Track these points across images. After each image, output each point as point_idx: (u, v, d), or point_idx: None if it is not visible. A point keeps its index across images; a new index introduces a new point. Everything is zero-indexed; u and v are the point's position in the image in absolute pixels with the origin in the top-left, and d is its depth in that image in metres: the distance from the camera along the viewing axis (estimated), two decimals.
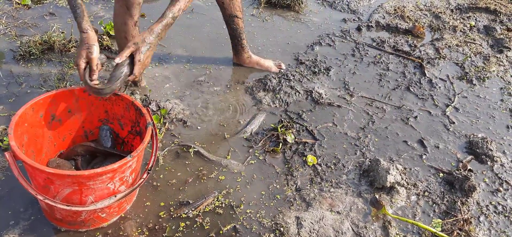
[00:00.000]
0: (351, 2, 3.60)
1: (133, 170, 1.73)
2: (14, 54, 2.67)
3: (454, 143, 2.33)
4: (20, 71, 2.55)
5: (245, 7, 3.44)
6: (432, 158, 2.23)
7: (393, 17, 3.43)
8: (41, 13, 3.11)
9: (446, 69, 2.92)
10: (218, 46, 2.97)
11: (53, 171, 1.51)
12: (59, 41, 2.71)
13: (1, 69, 2.55)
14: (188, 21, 3.22)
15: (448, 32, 3.31)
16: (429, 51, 3.07)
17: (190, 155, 2.12)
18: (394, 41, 3.14)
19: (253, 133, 2.28)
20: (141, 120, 1.85)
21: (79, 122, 1.96)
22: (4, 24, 2.94)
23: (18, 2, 3.16)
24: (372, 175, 2.04)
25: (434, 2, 3.71)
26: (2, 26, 2.91)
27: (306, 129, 2.35)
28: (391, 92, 2.67)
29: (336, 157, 2.19)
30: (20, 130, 1.69)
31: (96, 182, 1.58)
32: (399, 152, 2.25)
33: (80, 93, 1.88)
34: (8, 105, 2.31)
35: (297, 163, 2.14)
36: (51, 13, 3.12)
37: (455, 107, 2.58)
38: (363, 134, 2.34)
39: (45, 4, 3.21)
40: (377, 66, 2.90)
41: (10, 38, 2.81)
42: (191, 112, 2.39)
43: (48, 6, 3.19)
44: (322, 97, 2.57)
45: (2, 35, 2.83)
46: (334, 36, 3.18)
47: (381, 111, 2.51)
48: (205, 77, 2.66)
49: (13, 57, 2.65)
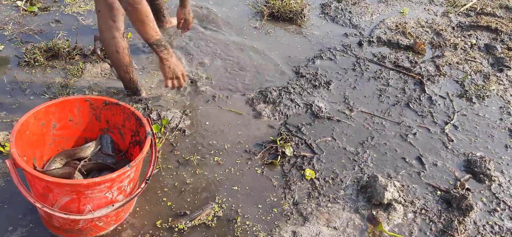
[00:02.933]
0: (353, 17, 3.63)
1: (131, 179, 1.74)
2: (19, 60, 2.71)
3: (452, 161, 2.34)
4: (24, 78, 2.58)
5: (247, 20, 3.47)
6: (430, 176, 2.23)
7: (394, 33, 3.45)
8: (47, 20, 3.15)
9: (446, 87, 2.93)
10: (217, 57, 3.00)
11: (52, 180, 1.53)
12: (64, 48, 2.75)
13: (6, 75, 2.59)
14: (190, 34, 3.25)
15: (449, 50, 3.33)
16: (429, 68, 3.08)
17: (189, 165, 2.14)
18: (395, 57, 3.17)
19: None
20: (141, 130, 1.87)
21: (80, 131, 1.98)
22: (10, 30, 2.98)
23: (25, 9, 3.21)
24: (370, 191, 2.05)
25: (436, 19, 3.73)
26: (8, 32, 2.95)
27: (305, 142, 2.36)
28: (391, 108, 2.69)
29: (334, 171, 2.20)
30: (21, 138, 1.71)
31: (94, 191, 1.60)
32: (397, 168, 2.26)
33: (82, 103, 1.91)
34: (11, 111, 2.33)
35: (295, 176, 2.15)
36: (57, 20, 3.16)
37: (454, 125, 2.59)
38: (362, 150, 2.35)
39: (51, 12, 3.25)
40: (378, 81, 2.92)
41: (16, 44, 2.85)
42: (192, 122, 2.41)
43: (54, 13, 3.23)
44: (321, 111, 2.58)
45: (8, 41, 2.87)
46: (335, 50, 3.20)
47: (381, 127, 2.53)
48: (206, 87, 2.68)
49: (18, 64, 2.69)
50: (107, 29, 2.25)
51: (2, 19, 3.08)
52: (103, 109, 1.95)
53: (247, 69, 2.92)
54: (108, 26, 2.23)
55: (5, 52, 2.78)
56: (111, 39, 2.27)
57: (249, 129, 2.42)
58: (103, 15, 2.22)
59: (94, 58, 2.77)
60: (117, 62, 2.36)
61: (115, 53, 2.31)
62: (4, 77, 2.57)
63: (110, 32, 2.25)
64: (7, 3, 3.28)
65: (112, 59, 2.37)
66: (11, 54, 2.76)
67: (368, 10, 3.76)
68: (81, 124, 1.97)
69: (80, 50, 2.80)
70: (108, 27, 2.24)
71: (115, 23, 2.24)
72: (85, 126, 1.98)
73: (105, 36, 2.27)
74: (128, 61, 2.38)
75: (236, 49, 3.10)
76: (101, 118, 1.98)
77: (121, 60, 2.35)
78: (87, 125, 1.98)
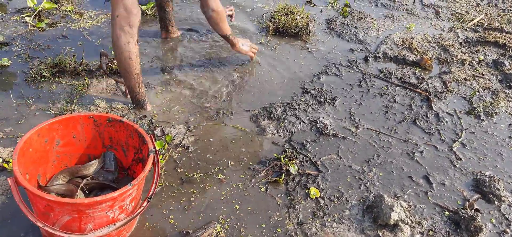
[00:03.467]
0: (358, 32, 3.62)
1: (133, 198, 1.73)
2: (26, 76, 2.73)
3: (460, 180, 2.30)
4: (30, 93, 2.59)
5: (253, 35, 3.48)
6: (438, 195, 2.19)
7: (400, 49, 3.43)
8: (55, 36, 3.18)
9: (454, 103, 2.89)
10: (222, 72, 2.99)
11: (53, 199, 1.52)
12: (70, 64, 2.77)
13: (12, 90, 2.60)
14: (196, 46, 3.26)
15: (456, 66, 3.30)
16: (436, 84, 3.05)
17: (192, 182, 2.12)
18: (401, 73, 3.14)
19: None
20: (144, 147, 1.86)
21: (83, 148, 1.98)
22: (18, 45, 3.01)
23: (33, 25, 3.24)
24: (376, 211, 2.02)
25: (443, 34, 3.71)
26: (16, 48, 2.98)
27: (309, 160, 2.33)
28: (397, 125, 2.65)
29: (340, 190, 2.17)
30: (24, 155, 1.71)
31: (95, 210, 1.59)
32: (404, 187, 2.22)
33: (85, 120, 1.91)
34: (17, 127, 2.34)
35: (300, 195, 2.12)
36: (64, 36, 3.19)
37: (462, 143, 2.55)
38: (368, 168, 2.32)
39: (58, 27, 3.28)
40: (384, 97, 2.90)
41: (23, 60, 2.87)
42: (196, 139, 2.40)
43: (61, 29, 3.26)
44: (327, 128, 2.56)
45: (16, 57, 2.89)
46: (341, 66, 3.18)
47: (387, 144, 2.49)
48: (211, 103, 2.68)
49: (25, 79, 2.71)
50: (123, 34, 2.29)
51: (11, 34, 3.12)
52: (106, 126, 1.95)
53: (252, 84, 2.91)
54: (125, 31, 2.29)
55: (13, 67, 2.80)
56: (126, 44, 2.31)
57: (253, 146, 2.40)
58: (121, 20, 2.27)
59: (99, 74, 2.78)
60: (129, 69, 2.38)
61: (128, 59, 2.34)
62: (10, 92, 2.58)
63: (125, 37, 2.30)
64: (16, 19, 3.32)
65: (124, 66, 2.38)
66: (18, 70, 2.78)
67: (374, 26, 3.74)
68: (84, 141, 1.97)
69: (86, 66, 2.82)
70: (124, 32, 2.29)
71: (132, 29, 2.30)
72: (88, 143, 1.98)
73: (120, 42, 2.31)
74: (139, 70, 2.42)
75: (240, 65, 3.10)
76: (105, 135, 1.98)
77: (133, 67, 2.37)
78: (90, 142, 1.98)
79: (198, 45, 3.28)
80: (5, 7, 3.48)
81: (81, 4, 3.61)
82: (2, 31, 3.14)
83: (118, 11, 2.27)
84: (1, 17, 3.32)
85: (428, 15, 4.04)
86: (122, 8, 2.26)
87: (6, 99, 2.52)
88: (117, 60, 2.39)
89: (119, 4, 2.26)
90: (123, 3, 2.25)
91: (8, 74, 2.75)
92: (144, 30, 3.36)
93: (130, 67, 2.37)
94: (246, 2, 3.95)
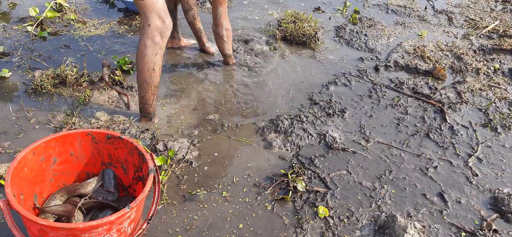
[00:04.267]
0: (368, 40, 3.51)
1: (132, 220, 1.64)
2: (26, 88, 2.66)
3: (477, 198, 2.18)
4: (31, 105, 2.53)
5: (260, 45, 3.38)
6: (453, 215, 2.08)
7: (412, 57, 3.32)
8: (57, 46, 3.12)
9: (469, 115, 2.77)
10: (227, 83, 2.91)
11: (47, 224, 1.44)
12: (71, 75, 2.70)
13: (12, 103, 2.54)
14: (201, 57, 3.18)
15: (471, 75, 3.17)
16: (450, 94, 2.93)
17: (195, 200, 2.03)
18: (414, 83, 3.03)
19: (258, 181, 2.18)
20: (144, 166, 1.78)
21: (82, 165, 1.90)
22: (19, 56, 2.95)
23: (35, 34, 3.19)
24: (388, 232, 1.91)
25: (456, 42, 3.58)
26: (17, 58, 2.92)
27: (318, 176, 2.23)
28: (410, 138, 2.54)
29: (350, 209, 2.06)
30: (18, 175, 1.63)
31: (91, 234, 1.50)
32: (417, 206, 2.11)
33: (83, 136, 1.83)
34: (16, 141, 2.27)
35: (308, 214, 2.02)
36: (66, 46, 3.12)
37: (478, 158, 2.43)
38: (379, 185, 2.21)
39: (61, 36, 3.22)
40: (395, 109, 2.78)
41: (24, 71, 2.81)
42: (199, 153, 2.31)
43: (64, 38, 3.20)
44: (336, 142, 2.46)
45: (16, 68, 2.83)
46: (351, 76, 3.08)
47: (399, 159, 2.38)
48: (215, 116, 2.59)
49: (25, 91, 2.64)
50: (152, 44, 2.23)
51: (12, 44, 3.06)
52: (105, 143, 1.87)
53: (258, 96, 2.82)
54: (155, 42, 2.23)
55: (13, 78, 2.74)
56: (153, 55, 2.25)
57: (259, 160, 2.31)
58: (153, 30, 2.21)
59: (101, 86, 2.71)
60: (150, 81, 2.32)
61: (152, 70, 2.29)
62: (10, 105, 2.52)
63: (154, 48, 2.24)
64: (17, 28, 3.26)
65: (145, 77, 2.31)
66: (18, 81, 2.72)
67: (384, 33, 3.63)
68: (82, 159, 1.89)
69: (87, 77, 2.75)
70: (154, 43, 2.23)
71: (163, 41, 2.25)
72: (87, 160, 1.90)
73: (148, 51, 2.24)
74: (158, 83, 2.37)
75: (246, 75, 3.01)
76: (104, 152, 1.90)
77: (154, 78, 2.32)
78: (89, 159, 1.90)
79: (202, 56, 3.19)
80: (7, 16, 3.43)
81: (84, 13, 3.55)
82: (3, 41, 3.09)
83: (151, 20, 2.20)
84: (3, 26, 3.27)
85: (440, 22, 3.92)
86: (156, 18, 2.19)
87: (5, 112, 2.46)
88: (139, 70, 2.31)
89: (152, 13, 2.19)
90: (157, 12, 2.19)
91: (8, 85, 2.69)
92: None
93: (151, 79, 2.31)
94: (253, 9, 3.86)
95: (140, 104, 2.44)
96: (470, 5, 4.29)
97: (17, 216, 1.54)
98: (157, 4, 2.18)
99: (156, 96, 2.42)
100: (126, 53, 3.07)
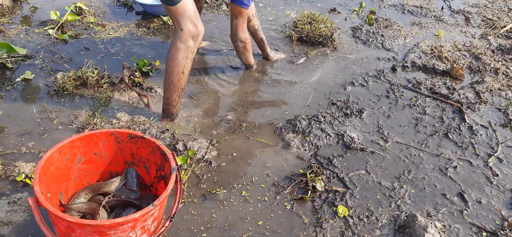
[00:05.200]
0: (385, 41, 3.50)
1: (155, 218, 1.67)
2: (49, 89, 2.72)
3: (498, 198, 2.16)
4: (53, 107, 2.59)
5: (276, 44, 3.40)
6: (474, 214, 2.06)
7: (430, 57, 3.30)
8: (77, 48, 3.18)
9: (488, 115, 2.75)
10: (246, 84, 2.93)
11: (74, 220, 1.48)
12: (92, 77, 2.75)
13: (35, 104, 2.60)
14: (219, 58, 3.21)
15: (489, 75, 3.14)
16: (468, 94, 2.91)
17: (215, 199, 2.06)
18: (431, 83, 3.01)
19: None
20: (166, 165, 1.81)
21: (105, 164, 1.94)
22: (41, 58, 3.02)
23: (56, 37, 3.26)
24: (408, 232, 1.91)
25: (474, 42, 3.55)
26: (39, 61, 2.99)
27: (336, 176, 2.24)
28: (428, 139, 2.53)
29: (369, 209, 2.06)
30: (45, 174, 1.68)
31: (117, 231, 1.54)
32: (437, 206, 2.10)
33: (107, 136, 1.87)
34: (39, 141, 2.33)
35: (327, 213, 2.03)
36: (86, 48, 3.18)
37: (499, 158, 2.41)
38: (398, 184, 2.21)
39: (81, 39, 3.29)
40: (413, 109, 2.77)
41: (46, 73, 2.87)
42: (218, 153, 2.33)
43: (84, 41, 3.26)
44: (354, 142, 2.46)
45: (39, 70, 2.90)
46: (368, 76, 3.08)
47: (418, 159, 2.38)
48: (234, 116, 2.62)
49: (47, 92, 2.70)
50: (184, 48, 2.26)
51: (34, 47, 3.13)
52: (128, 142, 1.90)
53: (275, 96, 2.84)
54: (187, 45, 2.26)
55: (36, 80, 2.81)
56: (184, 58, 2.29)
57: (277, 160, 2.32)
58: (185, 34, 2.24)
59: (122, 87, 2.75)
60: (178, 83, 2.36)
61: (181, 73, 2.32)
62: (33, 106, 2.58)
63: (185, 52, 2.28)
64: (39, 31, 3.34)
65: (173, 79, 2.35)
66: (41, 83, 2.79)
67: (401, 33, 3.62)
68: (106, 158, 1.93)
69: (108, 79, 2.80)
70: (187, 46, 2.26)
71: (195, 44, 2.29)
72: (110, 160, 1.94)
73: (179, 55, 2.28)
74: (185, 85, 2.41)
75: (264, 75, 3.03)
76: (126, 152, 1.93)
77: (182, 81, 2.36)
78: (112, 159, 1.94)
79: (221, 57, 3.22)
80: (29, 19, 3.51)
81: (104, 16, 3.61)
82: (26, 44, 3.16)
83: (184, 24, 2.23)
84: (25, 29, 3.35)
85: (457, 22, 3.89)
86: (189, 22, 2.22)
87: (29, 113, 2.52)
88: (169, 72, 2.34)
89: (184, 18, 2.22)
90: (189, 16, 2.22)
91: (31, 87, 2.75)
92: (168, 43, 3.33)
93: (180, 81, 2.35)
94: (270, 10, 3.89)
95: (164, 105, 2.48)
96: (488, 5, 4.24)
97: (44, 214, 1.59)
98: (188, 9, 2.21)
99: (181, 98, 2.45)
100: (145, 55, 3.11)
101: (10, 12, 3.57)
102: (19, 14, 3.57)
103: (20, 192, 2.02)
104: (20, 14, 3.57)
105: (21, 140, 2.33)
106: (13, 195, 1.99)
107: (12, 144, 2.30)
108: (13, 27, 3.36)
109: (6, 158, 2.21)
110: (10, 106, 2.57)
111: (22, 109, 2.56)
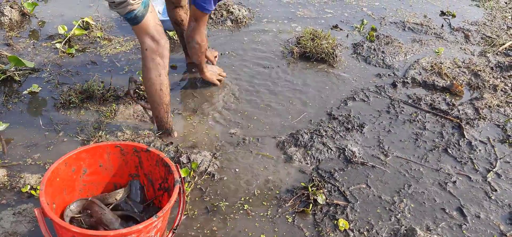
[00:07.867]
0: (386, 57, 3.56)
1: (158, 229, 1.71)
2: (55, 102, 2.78)
3: (496, 213, 2.19)
4: (59, 119, 2.63)
5: (278, 60, 3.45)
6: (473, 229, 2.09)
7: (429, 74, 3.34)
8: (84, 62, 3.24)
9: (487, 131, 2.78)
10: (248, 97, 2.98)
11: (79, 231, 1.51)
12: (98, 90, 2.80)
13: (41, 116, 2.65)
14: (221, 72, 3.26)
15: (488, 91, 3.18)
16: (468, 110, 2.95)
17: (217, 212, 2.09)
18: (431, 99, 3.05)
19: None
20: (170, 177, 1.85)
21: (110, 176, 1.98)
22: (48, 71, 3.08)
23: (63, 51, 3.32)
24: None
25: (473, 59, 3.60)
26: (46, 74, 3.05)
27: (338, 189, 2.27)
28: (428, 154, 2.56)
29: (370, 222, 2.09)
30: (51, 185, 1.71)
31: None
32: (436, 220, 2.12)
33: (112, 149, 1.91)
34: (45, 153, 2.37)
35: (328, 227, 2.06)
36: (93, 62, 3.25)
37: (497, 173, 2.44)
38: (399, 199, 2.23)
39: (87, 53, 3.35)
40: (413, 124, 2.81)
41: (53, 86, 2.93)
42: (221, 166, 2.37)
43: (90, 55, 3.33)
44: (355, 156, 2.50)
45: (45, 83, 2.96)
46: (369, 92, 3.12)
47: (418, 174, 2.41)
48: (237, 129, 2.66)
49: (54, 105, 2.76)
50: (154, 67, 2.27)
51: (42, 61, 3.20)
52: (132, 155, 1.95)
53: (277, 110, 2.88)
54: (155, 64, 2.26)
55: (43, 93, 2.86)
56: (157, 77, 2.29)
57: (279, 174, 2.36)
58: (151, 54, 2.24)
59: (127, 100, 2.80)
60: (159, 101, 2.37)
61: (159, 91, 2.33)
62: (40, 118, 2.63)
63: (157, 70, 2.28)
64: (47, 45, 3.41)
65: (154, 98, 2.37)
66: (47, 96, 2.84)
67: (401, 50, 3.67)
68: (111, 170, 1.97)
69: (113, 92, 2.85)
70: (155, 64, 2.26)
71: (163, 60, 2.28)
72: (115, 172, 1.98)
73: (151, 75, 2.29)
74: (169, 100, 2.42)
75: (267, 90, 3.08)
76: (131, 164, 1.97)
77: (163, 97, 2.37)
78: (116, 171, 1.98)
79: (226, 70, 3.27)
80: (37, 33, 3.58)
81: (110, 30, 3.68)
82: (33, 58, 3.23)
83: (146, 44, 2.22)
84: (33, 43, 3.42)
85: (457, 39, 3.95)
86: (150, 40, 2.21)
87: (36, 125, 2.57)
88: (147, 92, 2.38)
89: (145, 37, 2.20)
90: (150, 35, 2.20)
91: (38, 100, 2.81)
92: (172, 56, 3.39)
93: (160, 98, 2.37)
94: (272, 26, 3.95)
95: (156, 123, 2.51)
96: (487, 23, 4.30)
97: (50, 224, 1.62)
98: (149, 27, 2.18)
99: (170, 113, 2.48)
100: None
101: (18, 26, 3.65)
102: (27, 28, 3.65)
103: (25, 203, 2.05)
104: (28, 28, 3.65)
105: (27, 152, 2.37)
106: (18, 206, 2.03)
107: (18, 155, 2.34)
108: (21, 41, 3.44)
109: (12, 169, 2.25)
110: (17, 118, 2.63)
111: (28, 121, 2.61)
